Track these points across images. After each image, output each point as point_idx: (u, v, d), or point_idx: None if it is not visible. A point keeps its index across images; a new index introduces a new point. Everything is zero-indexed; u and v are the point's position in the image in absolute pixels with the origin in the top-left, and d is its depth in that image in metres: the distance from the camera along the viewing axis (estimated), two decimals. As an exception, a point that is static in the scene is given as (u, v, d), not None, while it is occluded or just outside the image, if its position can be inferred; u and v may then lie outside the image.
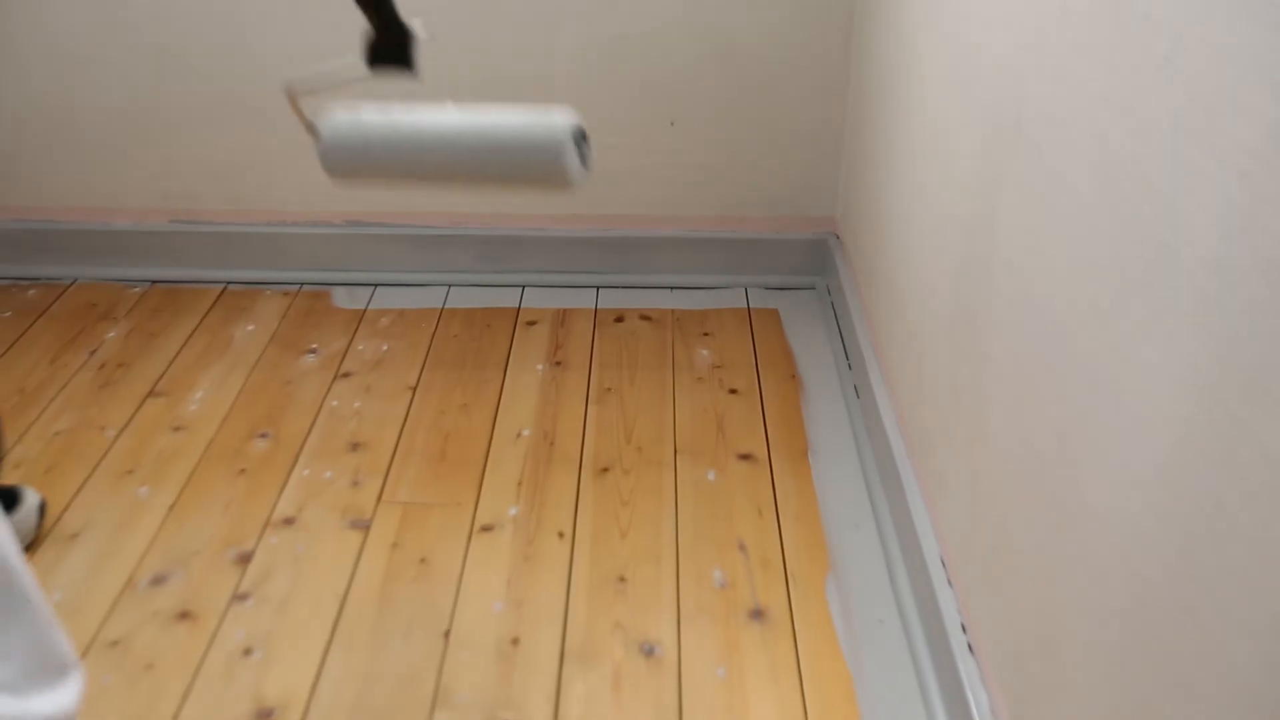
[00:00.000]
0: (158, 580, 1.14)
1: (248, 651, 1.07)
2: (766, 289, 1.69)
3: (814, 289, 1.69)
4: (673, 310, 1.64)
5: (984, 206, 0.92)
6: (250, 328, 1.58)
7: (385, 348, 1.54)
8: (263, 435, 1.36)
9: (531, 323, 1.61)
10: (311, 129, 1.00)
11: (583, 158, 0.96)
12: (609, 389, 1.45)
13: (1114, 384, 0.66)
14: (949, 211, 1.04)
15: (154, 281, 1.71)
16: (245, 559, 1.17)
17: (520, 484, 1.29)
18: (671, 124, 1.59)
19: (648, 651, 1.07)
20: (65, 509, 1.24)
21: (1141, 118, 0.62)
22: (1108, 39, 0.67)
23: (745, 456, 1.33)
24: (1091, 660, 0.70)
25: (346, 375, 1.48)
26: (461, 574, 1.16)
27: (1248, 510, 0.52)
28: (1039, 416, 0.79)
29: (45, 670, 0.79)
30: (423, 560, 1.17)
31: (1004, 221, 0.87)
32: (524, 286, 1.69)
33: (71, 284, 1.71)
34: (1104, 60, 0.68)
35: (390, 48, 0.97)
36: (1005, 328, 0.87)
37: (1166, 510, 0.59)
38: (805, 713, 1.00)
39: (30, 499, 1.19)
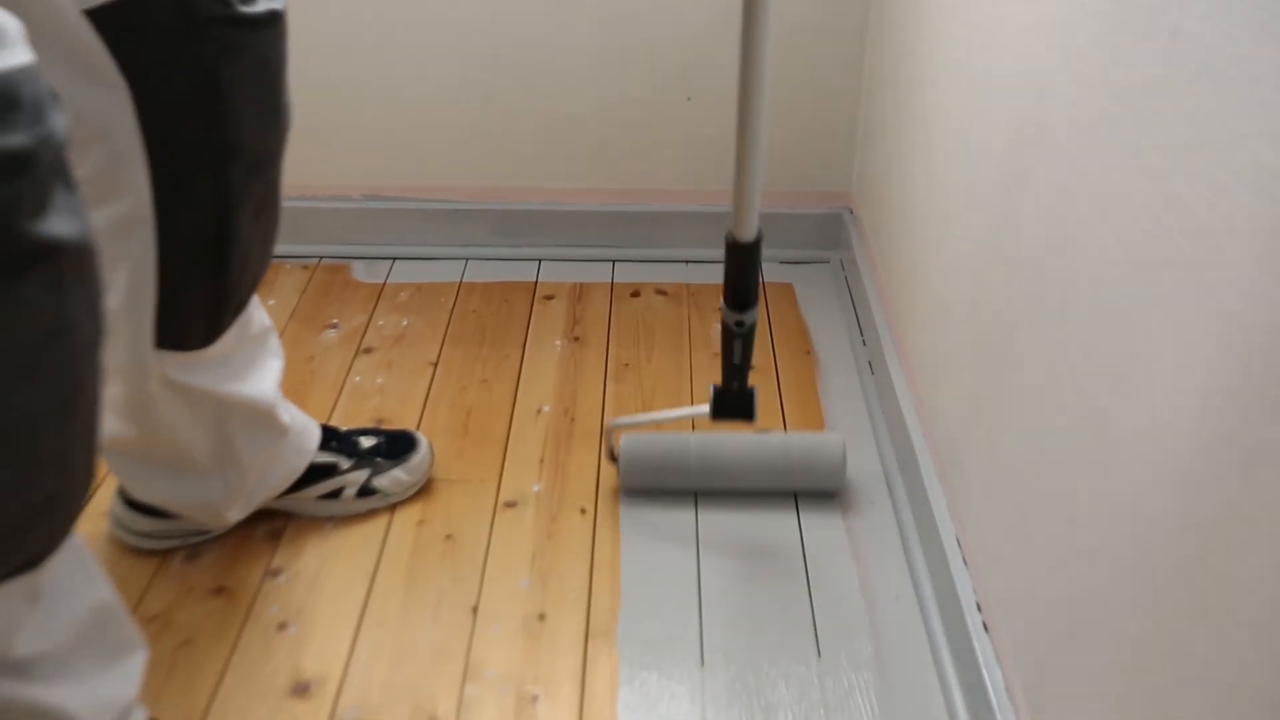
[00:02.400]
0: (192, 556, 1.17)
1: (283, 626, 1.10)
2: (781, 263, 1.70)
3: (828, 263, 1.70)
4: (688, 285, 1.65)
5: (1005, 199, 0.94)
6: (271, 302, 1.60)
7: (405, 323, 1.56)
8: (288, 411, 1.39)
9: (549, 297, 1.63)
10: (614, 455, 1.25)
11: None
12: (627, 365, 1.48)
13: (1136, 386, 0.68)
14: (968, 198, 1.05)
15: (174, 254, 1.72)
16: (276, 535, 1.20)
17: (542, 460, 1.31)
18: (689, 99, 1.59)
19: (670, 627, 1.10)
20: (96, 489, 1.27)
21: (1168, 131, 0.64)
22: (1134, 48, 0.68)
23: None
24: (1107, 648, 0.73)
25: (368, 351, 1.50)
26: (487, 550, 1.19)
27: (1264, 519, 0.54)
28: (1059, 410, 0.81)
29: (119, 648, 0.84)
30: (449, 537, 1.20)
31: (1026, 214, 0.89)
32: (540, 260, 1.71)
33: (92, 257, 1.72)
34: (1130, 68, 0.69)
35: (737, 403, 1.14)
36: (1026, 319, 0.89)
37: (1185, 512, 0.62)
38: (823, 687, 1.03)
39: (424, 443, 1.26)
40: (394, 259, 1.71)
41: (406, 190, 1.69)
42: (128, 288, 0.93)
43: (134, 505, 1.15)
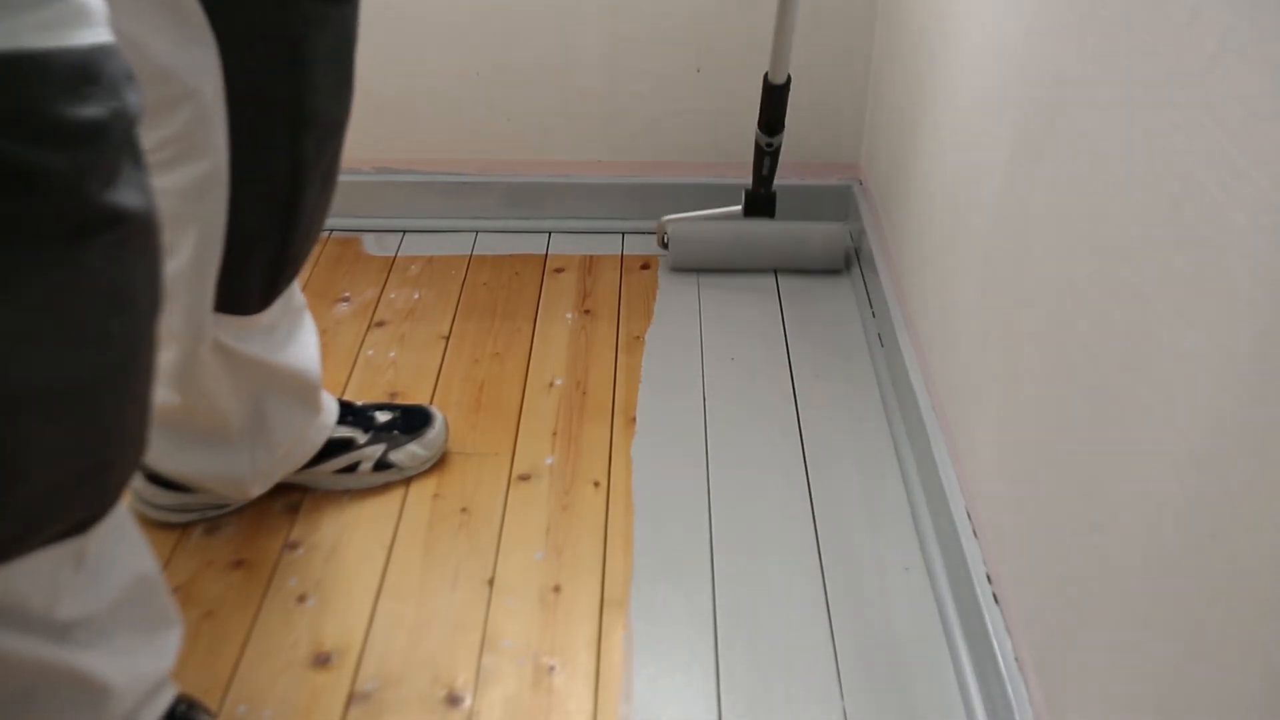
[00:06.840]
0: (211, 530, 1.19)
1: (302, 598, 1.12)
2: (790, 235, 1.70)
3: (837, 234, 1.71)
4: (698, 257, 1.66)
5: (1017, 176, 0.94)
6: (283, 276, 1.61)
7: (417, 296, 1.57)
8: (302, 385, 1.40)
9: (559, 270, 1.63)
10: (664, 242, 1.61)
11: None
12: (637, 338, 1.49)
13: (1150, 366, 0.69)
14: (978, 173, 1.05)
15: (185, 228, 1.73)
16: (293, 508, 1.22)
17: (555, 434, 1.32)
18: (698, 71, 1.59)
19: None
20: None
21: (1185, 113, 0.64)
22: (1152, 28, 0.68)
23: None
24: (1117, 623, 0.74)
25: (380, 324, 1.51)
26: (502, 523, 1.20)
27: (1276, 498, 0.55)
28: (1073, 386, 0.82)
29: (157, 621, 0.86)
30: (464, 510, 1.22)
31: (1038, 192, 0.89)
32: (550, 233, 1.71)
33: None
34: (1148, 49, 0.69)
35: (763, 203, 1.50)
36: (1038, 295, 0.89)
37: (1199, 492, 0.63)
38: (835, 655, 1.05)
39: (439, 418, 1.28)
40: (404, 232, 1.71)
41: (417, 163, 1.69)
42: (195, 250, 0.94)
43: (154, 479, 1.16)
